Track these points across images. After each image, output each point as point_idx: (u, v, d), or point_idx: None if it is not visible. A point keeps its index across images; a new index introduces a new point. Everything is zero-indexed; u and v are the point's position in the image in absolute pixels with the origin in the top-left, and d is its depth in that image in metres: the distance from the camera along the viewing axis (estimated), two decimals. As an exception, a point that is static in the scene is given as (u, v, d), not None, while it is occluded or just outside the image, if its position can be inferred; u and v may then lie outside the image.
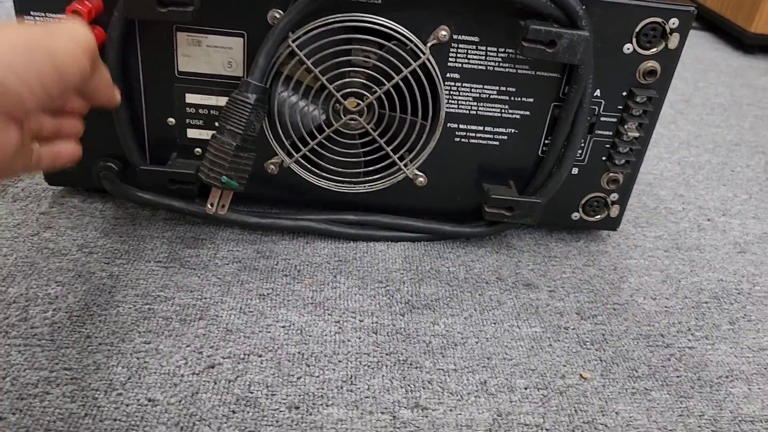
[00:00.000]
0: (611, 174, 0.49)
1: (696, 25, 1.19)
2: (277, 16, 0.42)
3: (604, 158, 0.49)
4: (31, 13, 0.42)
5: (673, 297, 0.48)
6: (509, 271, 0.48)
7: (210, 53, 0.44)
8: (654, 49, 0.44)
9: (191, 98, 0.45)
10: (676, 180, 0.65)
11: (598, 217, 0.51)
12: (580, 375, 0.40)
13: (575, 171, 0.49)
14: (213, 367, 0.37)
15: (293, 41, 0.42)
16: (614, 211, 0.51)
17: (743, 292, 0.50)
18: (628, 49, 0.44)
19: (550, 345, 0.42)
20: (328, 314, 0.42)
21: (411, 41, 0.43)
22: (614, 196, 0.50)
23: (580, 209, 0.51)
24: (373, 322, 0.42)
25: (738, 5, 1.06)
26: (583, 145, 0.48)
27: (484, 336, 0.42)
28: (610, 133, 0.47)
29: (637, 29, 0.44)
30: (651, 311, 0.46)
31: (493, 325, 0.43)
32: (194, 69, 0.44)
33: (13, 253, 0.44)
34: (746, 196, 0.64)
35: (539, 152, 0.48)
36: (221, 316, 0.41)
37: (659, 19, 0.43)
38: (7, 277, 0.42)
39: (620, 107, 0.46)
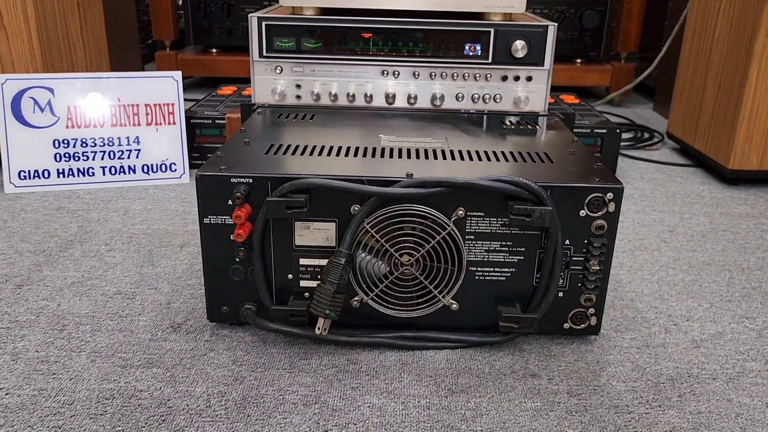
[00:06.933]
0: (586, 295, 0.71)
1: (689, 162, 1.42)
2: (356, 209, 0.68)
3: (579, 284, 0.71)
4: (209, 216, 0.69)
5: (639, 380, 0.68)
6: (520, 366, 0.70)
7: (315, 233, 0.70)
8: (600, 212, 0.68)
9: (303, 261, 0.71)
10: (653, 296, 0.86)
11: (583, 325, 0.73)
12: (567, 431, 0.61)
13: (560, 294, 0.71)
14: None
15: (367, 223, 0.67)
16: (593, 320, 0.72)
17: (693, 375, 0.69)
18: (583, 213, 0.68)
19: (547, 414, 0.63)
20: (397, 398, 0.64)
21: (440, 218, 0.68)
22: (591, 310, 0.72)
23: (569, 320, 0.73)
24: (426, 402, 0.64)
25: (717, 146, 1.29)
26: (563, 276, 0.70)
27: (501, 409, 0.63)
28: (581, 267, 0.70)
29: (586, 201, 0.67)
30: (621, 390, 0.67)
31: (507, 402, 0.64)
32: (305, 243, 0.70)
33: (193, 366, 0.68)
34: (708, 305, 0.84)
35: (533, 283, 0.71)
36: (329, 401, 0.64)
37: (600, 194, 0.67)
38: (193, 382, 0.66)
39: (584, 251, 0.69)
